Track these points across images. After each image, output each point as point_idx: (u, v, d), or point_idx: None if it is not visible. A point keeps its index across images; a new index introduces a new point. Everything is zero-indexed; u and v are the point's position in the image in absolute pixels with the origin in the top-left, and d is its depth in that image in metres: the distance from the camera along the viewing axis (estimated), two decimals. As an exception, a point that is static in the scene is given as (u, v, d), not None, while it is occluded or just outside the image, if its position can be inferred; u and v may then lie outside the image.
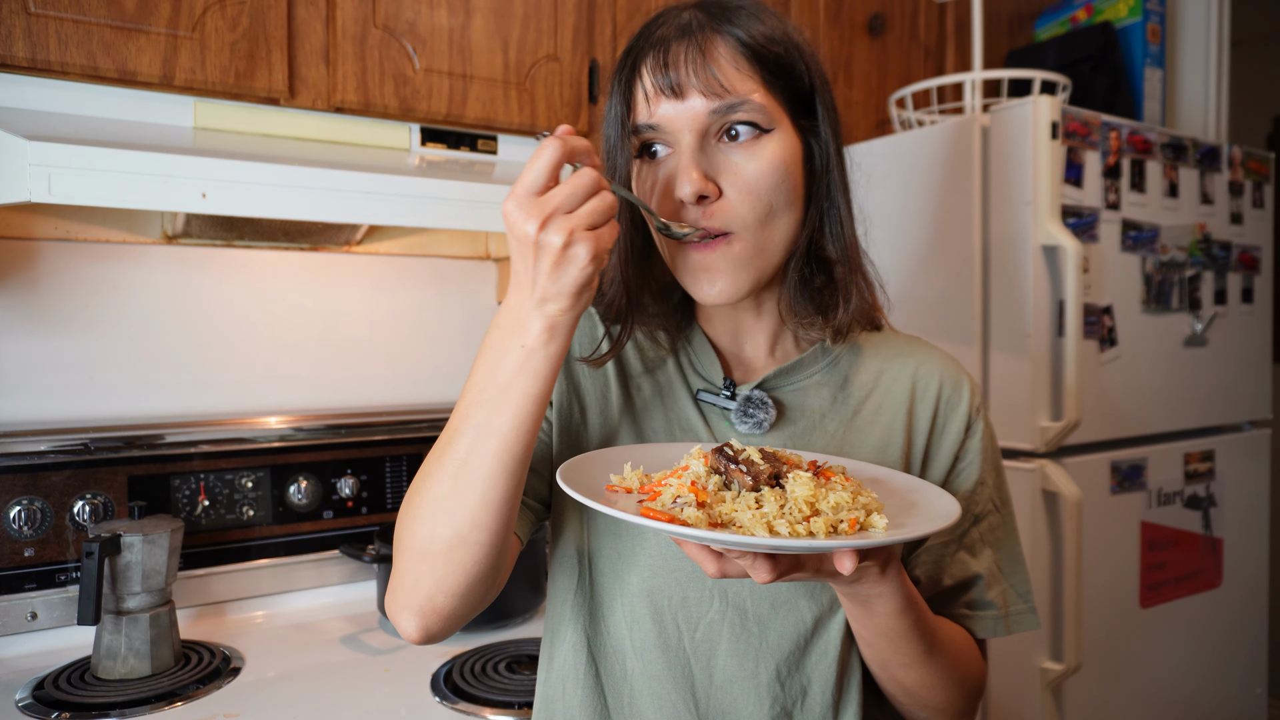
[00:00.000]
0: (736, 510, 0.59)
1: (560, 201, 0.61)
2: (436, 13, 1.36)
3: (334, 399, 1.67)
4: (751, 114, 0.72)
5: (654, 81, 0.72)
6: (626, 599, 0.77)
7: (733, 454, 0.64)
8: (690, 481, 0.61)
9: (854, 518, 0.59)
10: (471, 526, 0.66)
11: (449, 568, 0.67)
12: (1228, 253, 1.89)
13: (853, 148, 1.84)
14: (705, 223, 0.71)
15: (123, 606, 1.24)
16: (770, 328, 0.83)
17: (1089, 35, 2.07)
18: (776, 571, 0.58)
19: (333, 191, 1.23)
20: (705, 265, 0.73)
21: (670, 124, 0.72)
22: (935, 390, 0.82)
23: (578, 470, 0.66)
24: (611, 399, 0.81)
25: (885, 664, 0.74)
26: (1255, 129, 3.31)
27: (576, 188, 0.62)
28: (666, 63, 0.72)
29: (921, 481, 0.70)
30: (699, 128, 0.71)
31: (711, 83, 0.71)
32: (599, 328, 0.83)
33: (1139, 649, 1.70)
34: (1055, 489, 1.52)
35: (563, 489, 0.60)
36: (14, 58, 1.08)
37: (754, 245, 0.73)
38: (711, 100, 0.71)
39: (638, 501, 0.62)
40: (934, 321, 1.69)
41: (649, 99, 0.73)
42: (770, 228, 0.74)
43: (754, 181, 0.72)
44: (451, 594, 0.68)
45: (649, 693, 0.76)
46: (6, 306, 1.40)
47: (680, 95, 0.71)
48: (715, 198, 0.71)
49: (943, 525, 0.59)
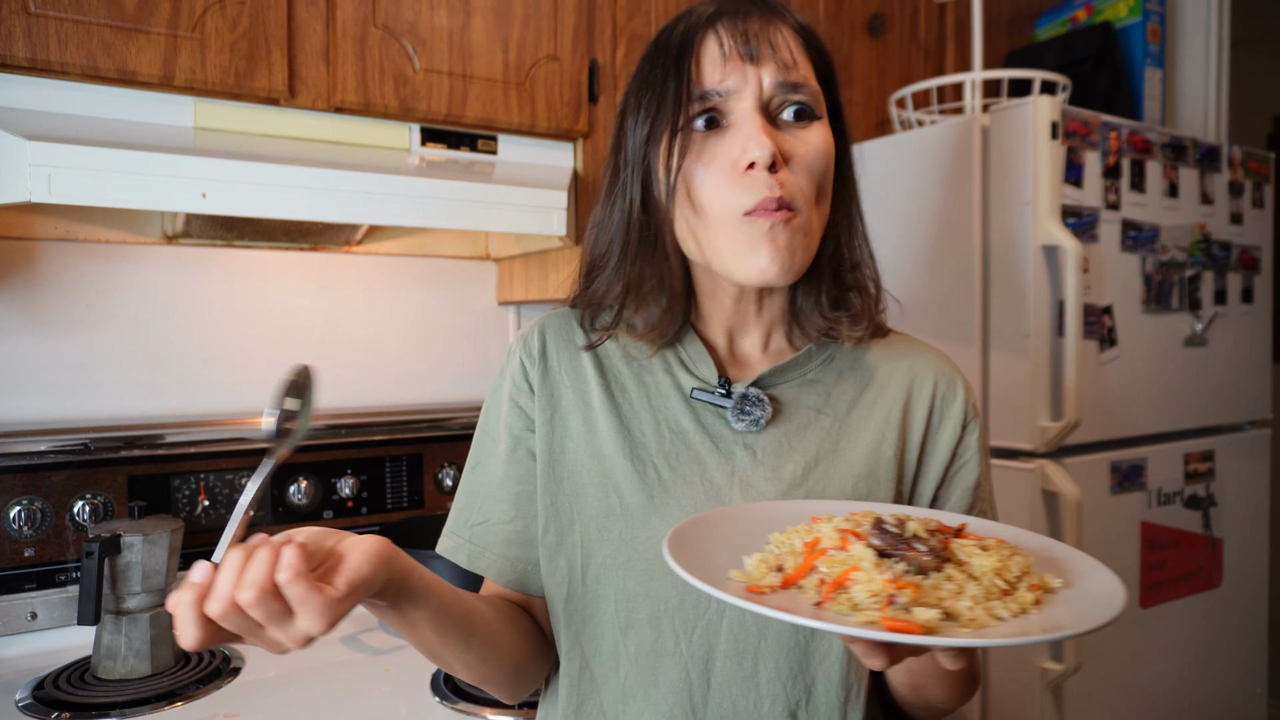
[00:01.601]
0: (946, 599, 0.54)
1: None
2: (436, 13, 1.36)
3: (334, 399, 1.67)
4: (809, 97, 0.74)
5: (731, 45, 0.72)
6: (620, 605, 0.76)
7: (897, 530, 0.59)
8: (888, 577, 0.55)
9: (1036, 583, 0.57)
10: (478, 679, 0.79)
11: (492, 687, 0.81)
12: (1228, 253, 1.89)
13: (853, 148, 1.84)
14: (778, 191, 0.70)
15: (123, 606, 1.24)
16: (767, 325, 0.83)
17: (1089, 35, 2.07)
18: (967, 658, 0.56)
19: (333, 191, 1.23)
20: (773, 238, 0.71)
21: (737, 90, 0.72)
22: (930, 388, 0.82)
23: (681, 545, 0.61)
24: (594, 404, 0.80)
25: (922, 688, 0.75)
26: (1255, 129, 3.31)
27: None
28: (745, 31, 0.72)
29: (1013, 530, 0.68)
30: (765, 98, 0.72)
31: (786, 55, 0.72)
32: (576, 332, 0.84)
33: (1139, 649, 1.70)
34: (1055, 489, 1.52)
35: (743, 605, 0.53)
36: (14, 58, 1.08)
37: (806, 226, 0.73)
38: (782, 73, 0.72)
39: (815, 604, 0.56)
40: (934, 321, 1.69)
41: (723, 62, 0.72)
42: (817, 211, 0.75)
43: (810, 160, 0.73)
44: (514, 692, 0.83)
45: (644, 698, 0.75)
46: (6, 306, 1.40)
47: (756, 62, 0.72)
48: (782, 167, 0.71)
49: (1120, 591, 0.56)
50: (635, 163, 0.77)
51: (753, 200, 0.70)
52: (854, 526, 0.62)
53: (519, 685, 0.83)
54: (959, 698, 0.77)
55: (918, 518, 0.63)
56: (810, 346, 0.82)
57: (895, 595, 0.54)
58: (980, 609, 0.53)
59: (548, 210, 1.41)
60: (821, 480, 0.77)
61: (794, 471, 0.77)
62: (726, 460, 0.77)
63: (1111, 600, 0.54)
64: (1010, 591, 0.56)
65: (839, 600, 0.55)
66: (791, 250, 0.72)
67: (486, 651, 0.76)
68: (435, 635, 0.72)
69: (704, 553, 0.61)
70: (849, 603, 0.55)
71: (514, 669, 0.80)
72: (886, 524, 0.60)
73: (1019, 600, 0.55)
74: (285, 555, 0.56)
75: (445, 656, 0.75)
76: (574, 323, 0.85)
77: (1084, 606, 0.55)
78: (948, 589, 0.55)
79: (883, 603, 0.54)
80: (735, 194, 0.71)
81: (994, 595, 0.55)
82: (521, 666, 0.81)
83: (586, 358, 0.83)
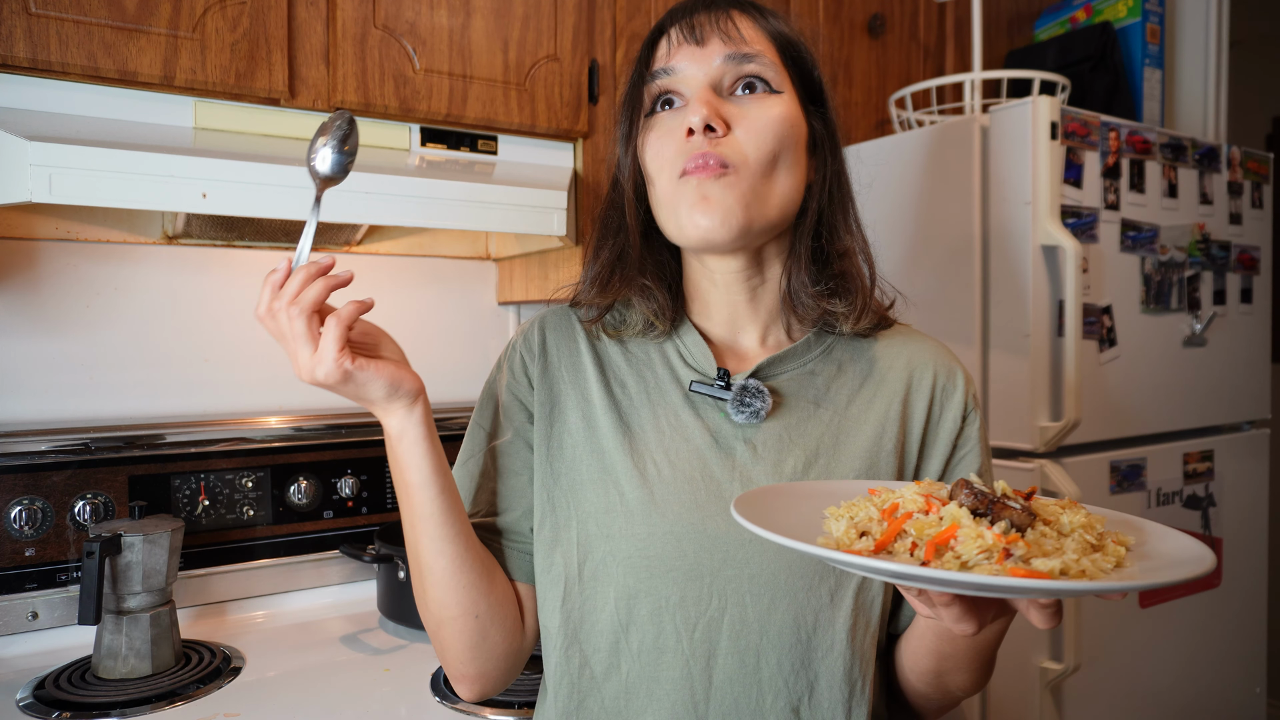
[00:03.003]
0: (1049, 553, 0.53)
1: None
2: (436, 13, 1.36)
3: (334, 399, 1.67)
4: (763, 68, 0.76)
5: (678, 34, 0.77)
6: (621, 602, 0.76)
7: (987, 490, 0.58)
8: (998, 532, 0.54)
9: (1116, 536, 0.57)
10: (439, 605, 0.78)
11: (449, 641, 0.79)
12: (1227, 253, 1.89)
13: (852, 148, 1.84)
14: (707, 148, 0.73)
15: (123, 606, 1.24)
16: (764, 318, 0.83)
17: (1088, 35, 2.07)
18: (1059, 615, 0.56)
19: (333, 191, 1.23)
20: (703, 194, 0.73)
21: (686, 69, 0.76)
22: (930, 379, 0.82)
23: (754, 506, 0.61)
24: (593, 400, 0.81)
25: (946, 672, 0.75)
26: (1254, 129, 3.31)
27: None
28: (691, 21, 0.77)
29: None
30: (714, 75, 0.76)
31: (731, 32, 0.76)
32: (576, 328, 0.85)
33: (1138, 649, 1.70)
34: (1055, 489, 1.52)
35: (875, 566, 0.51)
36: (14, 58, 1.08)
37: (751, 188, 0.74)
38: (729, 47, 0.75)
39: (922, 563, 0.54)
40: (934, 321, 1.69)
41: (671, 49, 0.77)
42: (770, 179, 0.75)
43: (760, 126, 0.75)
44: (466, 658, 0.80)
45: (646, 694, 0.75)
46: (7, 306, 1.40)
47: (701, 43, 0.76)
48: (723, 133, 0.74)
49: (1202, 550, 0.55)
50: (625, 162, 0.81)
51: (683, 162, 0.74)
52: (931, 493, 0.61)
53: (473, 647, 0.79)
54: (979, 682, 0.77)
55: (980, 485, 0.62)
56: (808, 337, 0.82)
57: (1010, 548, 0.52)
58: (1086, 560, 0.53)
59: (548, 210, 1.41)
60: (822, 474, 0.77)
61: (794, 466, 0.77)
62: (727, 455, 0.77)
63: (1197, 555, 0.54)
64: (1100, 547, 0.55)
65: (945, 560, 0.53)
66: (727, 207, 0.73)
67: (461, 566, 0.76)
68: (427, 508, 0.75)
69: (774, 520, 0.59)
70: (956, 561, 0.53)
71: (475, 615, 0.78)
72: (974, 484, 0.59)
73: (1112, 554, 0.55)
74: (346, 308, 0.71)
75: (423, 547, 0.76)
76: (573, 319, 0.86)
77: (1168, 561, 0.54)
78: (1049, 544, 0.55)
79: (996, 557, 0.52)
80: (676, 160, 0.75)
81: (1086, 550, 0.55)
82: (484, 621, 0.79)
83: (586, 353, 0.83)
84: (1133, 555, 0.56)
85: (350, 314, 0.71)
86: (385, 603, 1.47)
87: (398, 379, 0.73)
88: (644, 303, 0.81)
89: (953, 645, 0.71)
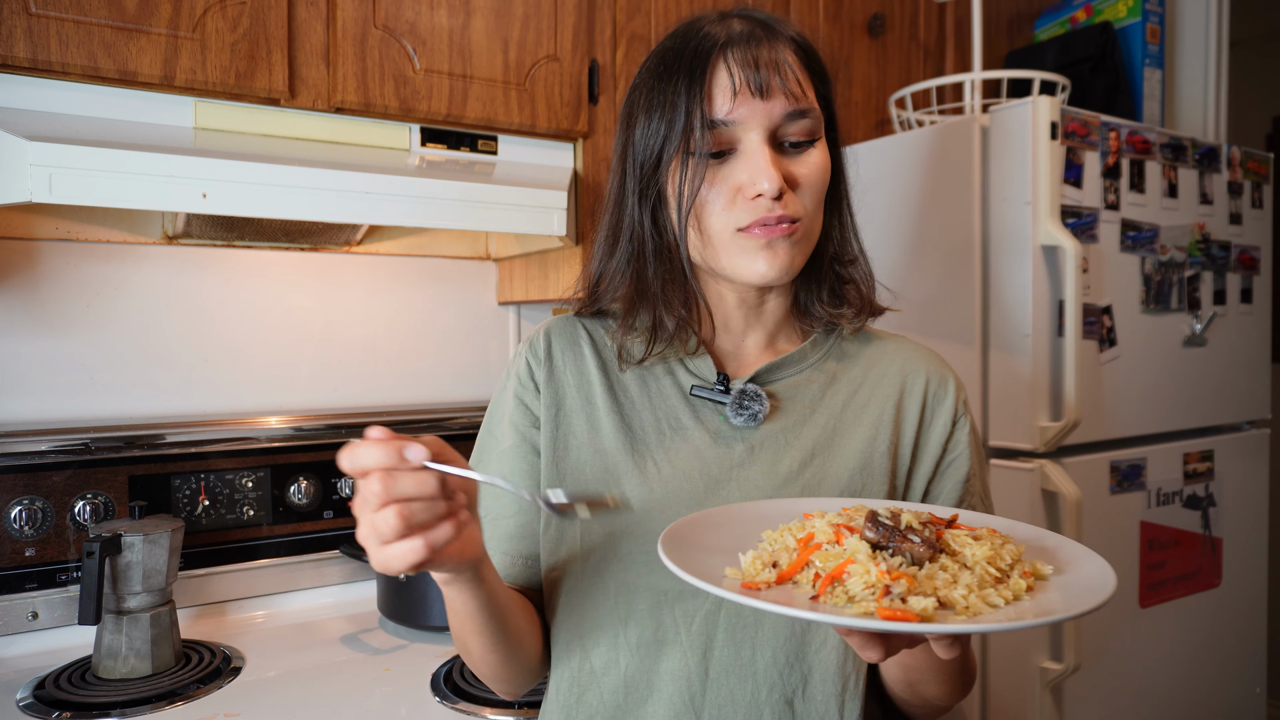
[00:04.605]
0: (941, 588, 0.55)
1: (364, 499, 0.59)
2: (436, 13, 1.36)
3: (334, 399, 1.68)
4: (814, 122, 0.77)
5: (742, 78, 0.74)
6: (620, 597, 0.78)
7: (891, 523, 0.60)
8: (884, 568, 0.56)
9: (1028, 569, 0.58)
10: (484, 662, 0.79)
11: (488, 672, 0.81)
12: (1227, 253, 1.89)
13: (853, 148, 1.84)
14: (779, 211, 0.75)
15: (123, 606, 1.24)
16: (769, 326, 0.86)
17: (1088, 35, 2.07)
18: (960, 645, 0.57)
19: (333, 191, 1.23)
20: (772, 246, 0.76)
21: (745, 121, 0.75)
22: (922, 385, 0.85)
23: (676, 543, 0.62)
24: (597, 403, 0.83)
25: (917, 684, 0.76)
26: (1254, 129, 3.31)
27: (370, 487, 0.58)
28: (756, 62, 0.75)
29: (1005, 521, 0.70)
30: (772, 128, 0.75)
31: (793, 85, 0.75)
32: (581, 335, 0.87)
33: (1138, 649, 1.70)
34: (1055, 489, 1.52)
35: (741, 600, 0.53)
36: (15, 58, 1.08)
37: (806, 233, 0.78)
38: (790, 103, 0.75)
39: (811, 598, 0.56)
40: (934, 321, 1.69)
41: (734, 94, 0.74)
42: (816, 220, 0.79)
43: (813, 180, 0.77)
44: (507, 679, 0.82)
45: (645, 687, 0.77)
46: (7, 306, 1.40)
47: (765, 96, 0.74)
48: (787, 193, 0.76)
49: (1110, 575, 0.56)
50: (645, 177, 0.79)
51: (748, 219, 0.75)
52: (847, 521, 0.62)
53: (525, 684, 0.84)
54: (954, 693, 0.78)
55: (911, 511, 0.63)
56: (806, 344, 0.85)
57: (891, 586, 0.54)
58: (975, 596, 0.54)
59: (548, 210, 1.41)
60: (817, 474, 0.79)
61: (790, 466, 0.79)
62: (725, 455, 0.80)
63: (1102, 584, 0.55)
64: (1003, 579, 0.56)
65: (835, 593, 0.56)
66: (790, 257, 0.77)
67: (504, 639, 0.76)
68: (479, 618, 0.72)
69: (700, 550, 0.62)
70: (845, 595, 0.55)
71: (530, 670, 0.82)
72: (881, 517, 0.60)
73: (1012, 587, 0.55)
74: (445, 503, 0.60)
75: (466, 629, 0.75)
76: (579, 327, 0.88)
77: (1075, 592, 0.55)
78: (942, 578, 0.56)
79: (878, 594, 0.54)
80: (734, 214, 0.75)
81: (988, 583, 0.56)
82: (535, 667, 0.83)
83: (590, 359, 0.86)
84: (1050, 584, 0.57)
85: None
86: (385, 603, 1.47)
87: (451, 569, 0.65)
88: (657, 318, 0.82)
89: (912, 658, 0.72)
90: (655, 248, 0.81)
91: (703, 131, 0.74)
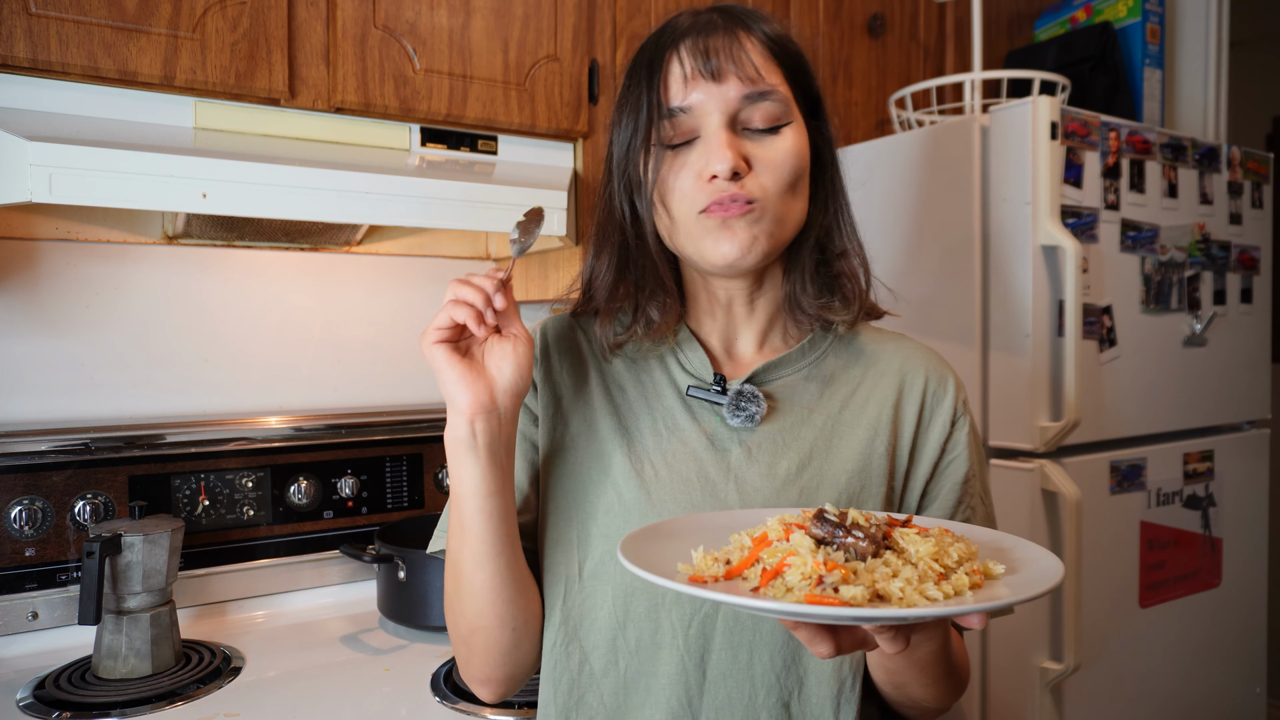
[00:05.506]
0: (879, 581, 0.55)
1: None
2: (436, 13, 1.36)
3: (334, 399, 1.68)
4: (777, 104, 0.76)
5: (693, 65, 0.75)
6: (619, 599, 0.77)
7: (837, 519, 0.61)
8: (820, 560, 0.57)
9: (977, 568, 0.58)
10: (475, 615, 0.77)
11: (480, 648, 0.79)
12: (1227, 253, 1.89)
13: (852, 148, 1.84)
14: (735, 189, 0.74)
15: (123, 606, 1.24)
16: (762, 323, 0.85)
17: (1088, 35, 2.07)
18: (904, 640, 0.57)
19: (333, 191, 1.23)
20: (728, 226, 0.75)
21: (702, 106, 0.75)
22: (921, 385, 0.84)
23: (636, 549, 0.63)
24: (594, 404, 0.83)
25: (902, 685, 0.75)
26: (1254, 129, 3.31)
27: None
28: (706, 49, 0.75)
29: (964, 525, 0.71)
30: (730, 111, 0.75)
31: (748, 68, 0.75)
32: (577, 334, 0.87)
33: (1138, 649, 1.71)
34: (1055, 489, 1.52)
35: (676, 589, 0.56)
36: (15, 58, 1.08)
37: (773, 216, 0.76)
38: (745, 86, 0.75)
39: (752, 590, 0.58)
40: (934, 321, 1.69)
41: (686, 81, 0.76)
42: (787, 204, 0.77)
43: (779, 162, 0.76)
44: (495, 664, 0.80)
45: (644, 690, 0.77)
46: (7, 306, 1.40)
47: (718, 79, 0.75)
48: (745, 174, 0.75)
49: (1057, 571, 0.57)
50: (621, 174, 0.81)
51: (705, 200, 0.75)
52: (802, 520, 0.63)
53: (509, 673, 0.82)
54: (943, 695, 0.77)
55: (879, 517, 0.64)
56: (804, 343, 0.84)
57: (825, 576, 0.55)
58: (912, 590, 0.54)
59: (548, 210, 1.41)
60: (816, 476, 0.79)
61: (789, 468, 0.79)
62: (722, 457, 0.79)
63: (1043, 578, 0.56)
64: (947, 576, 0.57)
65: (775, 586, 0.57)
66: (751, 237, 0.75)
67: (502, 582, 0.76)
68: (470, 520, 0.74)
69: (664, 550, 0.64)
70: (783, 587, 0.56)
71: (511, 628, 0.79)
72: (827, 514, 0.61)
73: (954, 583, 0.56)
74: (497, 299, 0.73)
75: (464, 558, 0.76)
76: (575, 326, 0.88)
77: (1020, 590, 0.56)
78: (882, 572, 0.57)
79: (813, 584, 0.55)
80: (696, 198, 0.75)
81: (929, 578, 0.56)
82: (527, 656, 0.81)
83: (587, 359, 0.85)
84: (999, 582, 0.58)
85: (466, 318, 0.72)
86: (385, 603, 1.47)
87: (455, 389, 0.72)
88: (645, 313, 0.82)
89: (892, 661, 0.71)
90: (637, 241, 0.82)
91: (660, 121, 0.76)
